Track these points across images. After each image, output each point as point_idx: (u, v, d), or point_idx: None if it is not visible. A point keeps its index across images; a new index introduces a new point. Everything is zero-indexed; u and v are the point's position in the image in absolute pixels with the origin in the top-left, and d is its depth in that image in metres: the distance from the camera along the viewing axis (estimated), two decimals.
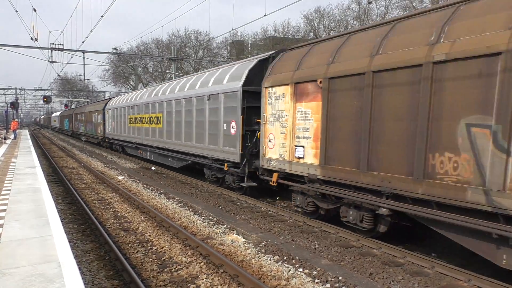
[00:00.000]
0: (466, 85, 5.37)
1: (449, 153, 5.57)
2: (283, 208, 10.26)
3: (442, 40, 5.77)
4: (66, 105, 63.68)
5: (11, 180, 10.63)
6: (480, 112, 5.19)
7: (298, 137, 8.69)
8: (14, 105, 40.23)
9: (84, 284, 4.12)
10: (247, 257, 6.72)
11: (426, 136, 5.85)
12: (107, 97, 52.65)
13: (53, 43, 23.83)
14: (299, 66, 8.72)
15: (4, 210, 7.19)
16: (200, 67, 46.42)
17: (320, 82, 7.87)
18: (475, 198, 5.19)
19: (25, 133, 43.10)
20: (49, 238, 5.55)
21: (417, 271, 6.10)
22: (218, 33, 71.45)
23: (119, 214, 10.00)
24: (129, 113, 21.87)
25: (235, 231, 8.30)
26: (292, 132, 8.85)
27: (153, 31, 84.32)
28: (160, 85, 19.41)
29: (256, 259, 6.61)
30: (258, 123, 10.38)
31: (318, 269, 6.13)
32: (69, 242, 5.55)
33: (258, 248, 7.16)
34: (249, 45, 48.54)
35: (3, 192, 8.91)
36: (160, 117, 16.98)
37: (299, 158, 8.69)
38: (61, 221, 6.58)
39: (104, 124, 28.20)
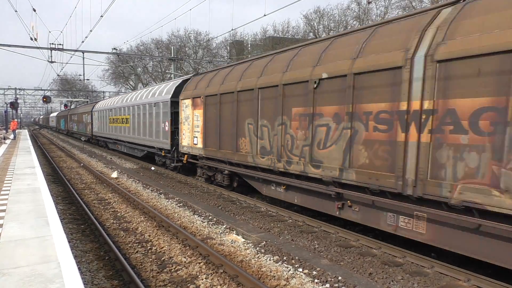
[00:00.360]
0: (247, 103, 10.24)
1: (243, 138, 10.48)
2: (282, 209, 10.26)
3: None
4: (65, 105, 63.66)
5: (11, 180, 10.62)
6: (251, 116, 10.06)
7: (195, 131, 13.46)
8: (14, 105, 40.21)
9: (84, 284, 4.11)
10: (246, 257, 6.72)
11: (236, 130, 10.72)
12: (107, 97, 52.86)
13: (52, 43, 23.83)
14: (196, 87, 13.53)
15: (4, 210, 7.19)
16: (199, 67, 46.42)
17: (202, 98, 12.73)
18: (251, 160, 10.10)
19: (24, 133, 43.09)
20: (49, 238, 5.55)
21: (417, 271, 6.10)
22: (217, 33, 71.44)
23: (118, 214, 10.00)
24: (109, 115, 26.37)
25: (234, 231, 8.30)
26: (192, 128, 13.66)
27: (153, 31, 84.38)
28: (130, 93, 24.65)
29: (256, 259, 6.61)
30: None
31: (318, 269, 6.13)
32: (69, 242, 5.55)
33: (257, 248, 7.16)
34: (249, 45, 48.56)
35: (2, 192, 8.91)
36: (129, 118, 21.63)
37: (195, 144, 13.44)
38: (61, 221, 6.58)
39: (92, 124, 32.78)
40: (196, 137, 13.23)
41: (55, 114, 71.84)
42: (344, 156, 7.11)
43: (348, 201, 7.37)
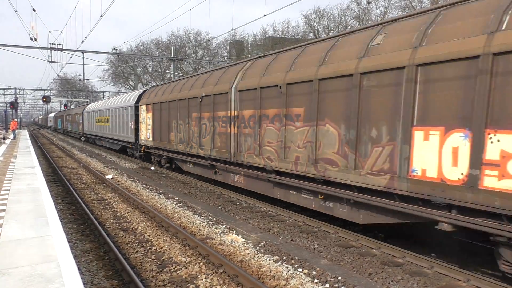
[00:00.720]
0: (173, 109, 15.21)
1: (171, 132, 15.27)
2: (282, 209, 10.27)
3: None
4: (65, 105, 63.62)
5: (11, 180, 10.62)
6: (174, 118, 14.97)
7: (148, 129, 18.06)
8: (14, 105, 40.20)
9: (84, 284, 4.12)
10: (246, 257, 6.72)
11: (168, 127, 15.62)
12: (107, 97, 53.03)
13: (52, 43, 23.82)
14: (149, 96, 18.43)
15: (4, 210, 7.19)
16: (199, 67, 46.43)
17: (150, 104, 17.68)
18: (175, 147, 14.86)
19: (24, 133, 43.07)
20: (49, 238, 5.55)
21: (416, 271, 6.10)
22: (217, 33, 71.41)
23: (118, 214, 10.00)
24: (95, 116, 31.31)
25: (234, 231, 8.30)
26: (146, 126, 18.32)
27: (153, 31, 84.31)
28: (111, 98, 31.52)
29: (256, 259, 6.62)
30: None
31: (318, 269, 6.13)
32: (69, 242, 5.55)
33: (257, 248, 7.16)
34: (249, 45, 48.57)
35: (2, 192, 8.91)
36: (109, 118, 26.42)
37: (148, 138, 18.05)
38: (61, 221, 6.58)
39: (83, 123, 38.12)
40: (149, 132, 18.12)
41: (53, 114, 76.57)
42: (211, 142, 12.14)
43: (217, 169, 12.32)
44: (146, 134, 18.50)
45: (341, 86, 7.19)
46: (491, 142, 4.86)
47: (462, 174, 5.17)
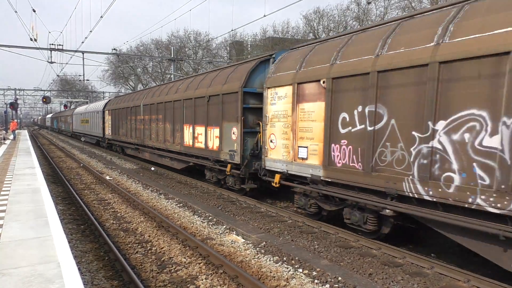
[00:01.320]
0: (125, 114, 22.96)
1: (127, 130, 22.41)
2: (282, 208, 10.27)
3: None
4: (65, 106, 63.66)
5: (11, 180, 10.62)
6: (129, 115, 22.10)
7: (108, 128, 26.52)
8: (14, 105, 40.20)
9: (84, 284, 4.12)
10: (246, 257, 6.72)
11: (122, 124, 23.21)
12: (107, 98, 53.31)
13: (52, 44, 23.85)
14: (111, 104, 26.33)
15: (4, 211, 7.19)
16: (199, 67, 46.44)
17: (109, 111, 26.06)
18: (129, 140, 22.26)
19: (24, 134, 43.07)
20: (49, 239, 5.55)
21: (417, 271, 6.10)
22: (217, 34, 71.46)
23: (118, 214, 10.00)
24: (80, 117, 39.19)
25: (234, 232, 8.30)
26: (107, 125, 27.19)
27: (153, 32, 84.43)
28: (90, 104, 41.14)
29: (256, 259, 6.61)
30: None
31: (318, 269, 6.13)
32: (69, 242, 5.55)
33: (257, 248, 7.16)
34: (249, 45, 48.57)
35: (2, 193, 8.91)
36: (88, 120, 34.32)
37: (108, 133, 25.82)
38: (61, 222, 6.58)
39: (72, 123, 45.98)
40: (106, 128, 27.31)
41: (50, 116, 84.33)
42: (136, 134, 20.10)
43: (139, 150, 19.53)
44: (107, 131, 26.86)
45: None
46: None
47: None
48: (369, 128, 6.91)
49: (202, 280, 5.82)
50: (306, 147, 8.60)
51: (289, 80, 8.99)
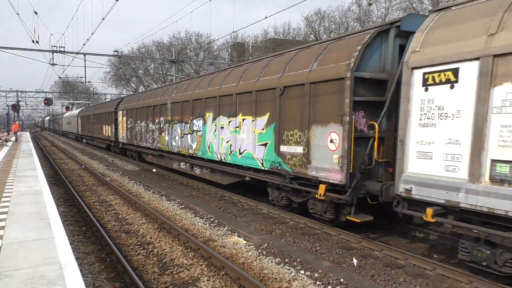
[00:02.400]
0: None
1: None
2: (284, 211, 10.25)
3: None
4: (67, 108, 63.78)
5: (13, 182, 10.64)
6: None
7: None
8: (16, 107, 40.32)
9: (86, 286, 4.12)
10: (248, 259, 6.71)
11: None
12: (108, 99, 53.57)
13: (54, 46, 23.91)
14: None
15: (6, 212, 7.20)
16: (201, 69, 46.50)
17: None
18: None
19: (26, 135, 43.17)
20: (51, 240, 5.55)
21: (419, 273, 6.08)
22: (219, 35, 71.51)
23: (120, 216, 10.00)
24: (66, 120, 50.75)
25: (236, 233, 8.29)
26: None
27: (154, 34, 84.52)
28: (73, 111, 52.03)
29: (258, 261, 6.60)
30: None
31: (320, 271, 6.12)
32: (71, 244, 5.56)
33: (259, 250, 7.15)
34: (250, 47, 48.63)
35: (4, 195, 8.92)
36: (71, 121, 43.06)
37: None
38: (62, 223, 6.59)
39: (62, 124, 57.21)
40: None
41: (47, 118, 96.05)
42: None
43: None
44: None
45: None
46: None
47: None
48: None
49: (204, 281, 5.81)
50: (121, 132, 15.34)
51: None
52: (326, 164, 7.92)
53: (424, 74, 6.11)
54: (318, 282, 5.70)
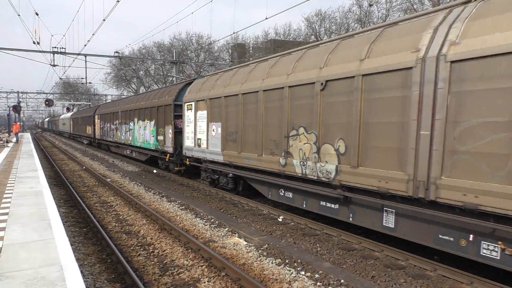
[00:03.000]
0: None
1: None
2: (284, 211, 10.25)
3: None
4: (68, 109, 63.93)
5: (13, 183, 10.66)
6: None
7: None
8: (16, 108, 40.37)
9: (86, 287, 4.12)
10: (249, 260, 6.72)
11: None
12: (109, 100, 53.83)
13: (55, 47, 23.94)
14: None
15: (7, 213, 7.21)
16: (201, 70, 46.54)
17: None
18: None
19: (27, 136, 43.23)
20: (51, 241, 5.56)
21: (420, 274, 6.08)
22: (219, 36, 71.63)
23: (120, 217, 10.01)
24: (62, 122, 55.58)
25: (236, 234, 8.30)
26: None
27: (155, 35, 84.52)
28: (66, 114, 58.45)
29: (258, 262, 6.60)
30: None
31: (320, 272, 6.12)
32: (71, 245, 5.57)
33: (260, 251, 7.15)
34: (251, 48, 48.67)
35: (5, 196, 8.94)
36: (66, 123, 50.41)
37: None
38: (63, 224, 6.60)
39: (59, 125, 62.79)
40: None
41: (47, 119, 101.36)
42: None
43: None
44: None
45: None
46: None
47: None
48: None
49: (205, 282, 5.81)
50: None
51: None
52: (168, 144, 16.28)
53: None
54: (318, 283, 5.70)
